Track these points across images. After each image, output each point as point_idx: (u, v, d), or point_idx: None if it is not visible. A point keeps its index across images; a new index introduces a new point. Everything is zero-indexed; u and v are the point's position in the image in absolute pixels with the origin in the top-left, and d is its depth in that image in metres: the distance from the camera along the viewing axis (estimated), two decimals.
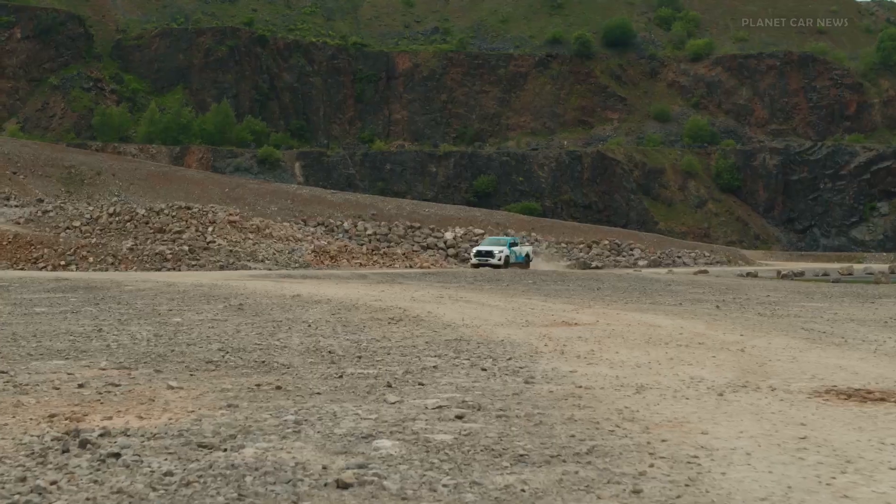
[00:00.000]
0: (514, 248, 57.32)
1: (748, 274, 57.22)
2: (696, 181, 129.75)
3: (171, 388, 7.23)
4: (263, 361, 8.78)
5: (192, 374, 7.99)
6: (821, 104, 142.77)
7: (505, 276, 38.44)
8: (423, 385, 7.43)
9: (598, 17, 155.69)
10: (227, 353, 9.43)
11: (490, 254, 55.17)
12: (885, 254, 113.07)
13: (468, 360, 9.11)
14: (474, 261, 55.51)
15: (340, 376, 7.87)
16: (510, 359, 9.23)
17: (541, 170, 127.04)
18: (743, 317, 16.58)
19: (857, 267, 75.76)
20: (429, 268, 55.69)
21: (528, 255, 59.00)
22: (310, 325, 12.97)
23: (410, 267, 55.23)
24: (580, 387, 7.53)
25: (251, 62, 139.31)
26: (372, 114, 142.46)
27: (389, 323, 13.57)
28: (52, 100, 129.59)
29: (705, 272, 58.44)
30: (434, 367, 8.57)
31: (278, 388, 7.24)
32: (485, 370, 8.40)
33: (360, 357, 9.19)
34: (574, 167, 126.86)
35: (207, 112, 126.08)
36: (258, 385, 7.39)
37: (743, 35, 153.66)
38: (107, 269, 48.59)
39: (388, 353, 9.53)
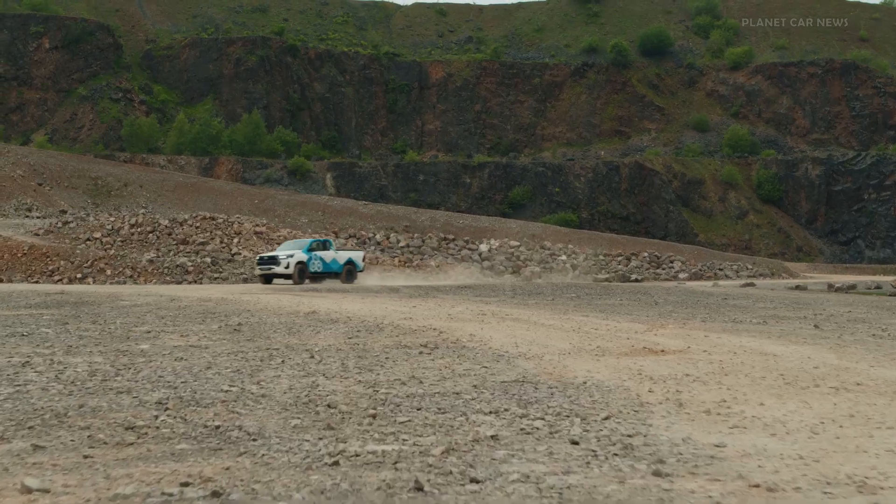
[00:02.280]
0: (320, 253, 45.89)
1: (797, 287, 54.74)
2: (737, 192, 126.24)
3: (27, 491, 4.12)
4: (218, 426, 5.52)
5: (85, 456, 4.89)
6: (863, 113, 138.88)
7: (546, 289, 35.19)
8: (478, 484, 4.20)
9: (634, 26, 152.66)
10: (169, 409, 6.22)
11: (274, 260, 44.17)
12: None
13: (543, 420, 5.86)
14: (258, 270, 45.01)
15: (335, 462, 4.64)
16: (607, 417, 5.99)
17: (577, 180, 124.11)
18: (859, 339, 13.38)
19: None
20: (464, 280, 52.91)
21: (350, 263, 47.10)
22: (312, 356, 10.01)
23: (445, 280, 52.54)
24: (756, 485, 4.31)
25: (282, 72, 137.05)
26: (404, 124, 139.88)
27: (421, 353, 10.47)
28: (81, 111, 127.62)
29: (752, 285, 55.91)
30: (492, 437, 5.35)
31: (215, 494, 4.05)
32: (576, 443, 5.21)
33: (373, 416, 5.93)
34: (611, 178, 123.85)
35: (237, 123, 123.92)
36: (185, 485, 4.17)
37: (783, 43, 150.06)
38: (125, 282, 46.44)
39: (419, 409, 6.28)
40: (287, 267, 44.14)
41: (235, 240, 55.59)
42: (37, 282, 46.94)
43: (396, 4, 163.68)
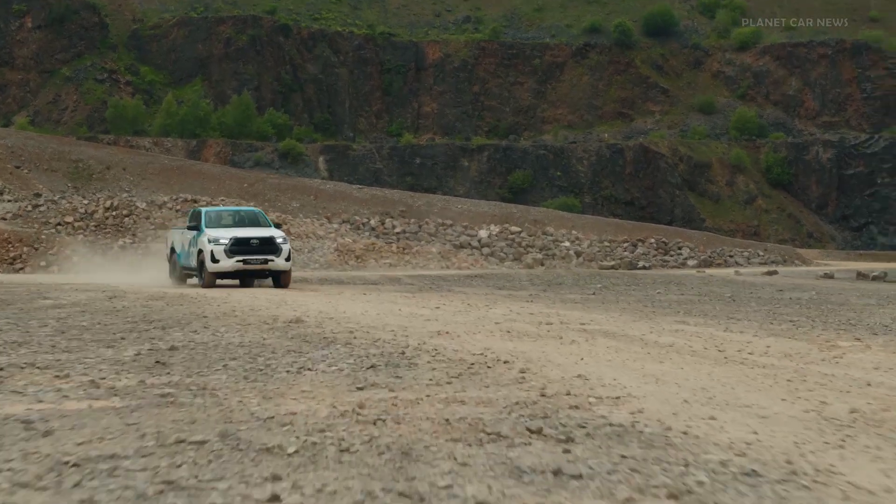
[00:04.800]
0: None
1: (825, 275, 51.72)
2: (745, 176, 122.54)
3: None
4: None
5: None
6: (875, 95, 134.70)
7: (567, 278, 30.69)
8: None
9: (638, 5, 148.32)
10: None
11: (270, 246, 27.58)
12: None
13: None
14: (229, 264, 27.07)
15: None
16: None
17: (580, 164, 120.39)
18: None
19: None
20: (468, 268, 49.01)
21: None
22: (279, 478, 4.95)
23: (447, 268, 48.60)
24: None
25: (273, 52, 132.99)
26: (400, 106, 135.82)
27: (558, 476, 5.27)
28: (65, 92, 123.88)
29: (776, 273, 53.04)
30: None
31: None
32: None
33: None
34: (615, 161, 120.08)
35: (227, 104, 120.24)
36: None
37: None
38: (95, 271, 42.07)
39: None
40: (287, 259, 27.96)
41: None
42: None
43: None
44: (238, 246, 27.33)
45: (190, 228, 29.69)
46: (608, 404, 6.79)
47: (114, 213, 53.10)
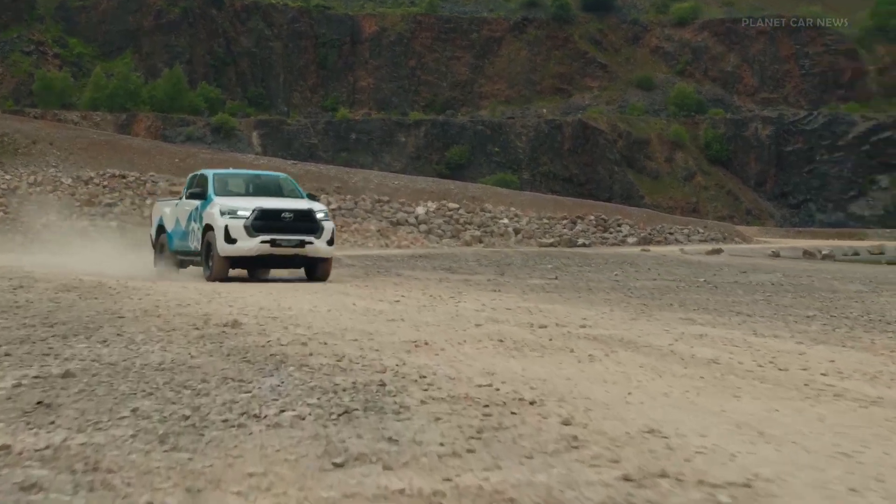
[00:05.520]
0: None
1: (772, 253, 50.96)
2: (684, 152, 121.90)
3: None
4: None
5: None
6: (813, 71, 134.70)
7: (516, 259, 29.16)
8: None
9: None
10: None
11: (308, 222, 20.67)
12: (887, 230, 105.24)
13: None
14: (251, 245, 19.92)
15: None
16: None
17: (518, 140, 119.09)
18: None
19: (873, 244, 73.13)
20: (408, 247, 47.50)
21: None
22: None
23: (387, 246, 47.00)
24: None
25: (206, 25, 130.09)
26: (336, 80, 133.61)
27: None
28: None
29: (720, 251, 52.15)
30: None
31: None
32: None
33: None
34: (554, 137, 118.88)
35: (158, 78, 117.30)
36: None
37: None
38: (16, 251, 39.93)
39: None
40: (330, 241, 21.23)
41: (148, 201, 49.95)
42: None
43: None
44: (264, 220, 20.27)
45: (191, 197, 22.29)
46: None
47: (38, 188, 51.17)
